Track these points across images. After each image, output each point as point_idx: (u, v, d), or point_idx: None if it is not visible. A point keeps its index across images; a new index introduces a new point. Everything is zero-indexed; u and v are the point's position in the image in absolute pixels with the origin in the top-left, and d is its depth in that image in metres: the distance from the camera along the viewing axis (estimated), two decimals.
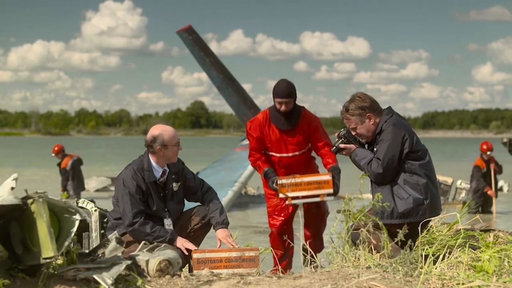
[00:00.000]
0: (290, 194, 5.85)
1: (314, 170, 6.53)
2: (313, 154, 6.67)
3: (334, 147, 5.28)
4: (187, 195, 5.43)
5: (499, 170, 15.13)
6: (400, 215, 4.96)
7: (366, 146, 5.26)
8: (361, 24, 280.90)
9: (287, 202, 6.22)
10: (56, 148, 16.61)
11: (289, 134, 6.38)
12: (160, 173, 5.25)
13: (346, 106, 5.20)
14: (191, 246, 5.06)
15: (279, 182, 5.94)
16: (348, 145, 5.23)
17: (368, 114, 5.14)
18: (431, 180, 5.08)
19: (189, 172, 5.45)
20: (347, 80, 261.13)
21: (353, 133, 5.21)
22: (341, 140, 5.25)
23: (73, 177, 16.52)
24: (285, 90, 6.26)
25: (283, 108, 6.26)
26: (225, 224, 5.26)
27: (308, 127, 6.40)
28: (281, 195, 5.99)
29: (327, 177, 6.11)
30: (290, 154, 6.39)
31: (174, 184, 5.30)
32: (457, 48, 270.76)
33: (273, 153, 6.47)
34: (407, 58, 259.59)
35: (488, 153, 14.93)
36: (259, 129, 6.40)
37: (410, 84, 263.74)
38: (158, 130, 5.24)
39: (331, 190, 6.02)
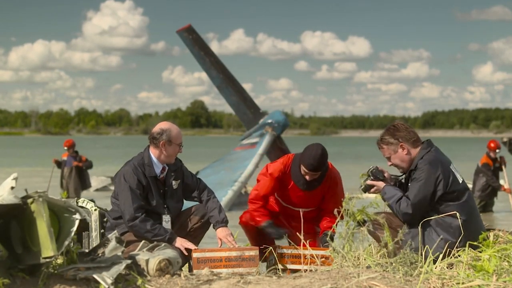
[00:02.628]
0: (289, 267, 5.42)
1: (314, 228, 5.90)
2: None
3: (363, 186, 5.16)
4: (185, 194, 5.44)
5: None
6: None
7: (397, 184, 5.16)
8: (362, 23, 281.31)
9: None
10: (69, 143, 17.00)
11: (306, 193, 5.77)
12: (160, 169, 5.26)
13: (380, 135, 5.11)
14: (190, 246, 5.06)
15: (278, 251, 5.34)
16: (376, 182, 5.11)
17: (401, 144, 5.01)
18: (468, 221, 4.85)
19: (186, 170, 5.48)
20: (348, 80, 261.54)
21: (388, 163, 5.11)
22: (369, 177, 5.15)
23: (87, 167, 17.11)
24: (315, 164, 5.54)
25: (308, 178, 5.65)
26: (224, 222, 5.28)
27: (328, 189, 5.80)
28: (280, 266, 5.31)
29: (328, 253, 5.28)
30: (297, 209, 5.78)
31: (174, 182, 5.32)
32: (458, 47, 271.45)
33: (281, 201, 5.89)
34: (408, 57, 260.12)
35: (497, 151, 14.94)
36: (281, 175, 5.71)
37: (411, 84, 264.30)
38: (168, 125, 5.30)
39: (330, 267, 4.98)
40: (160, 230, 5.07)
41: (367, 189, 5.16)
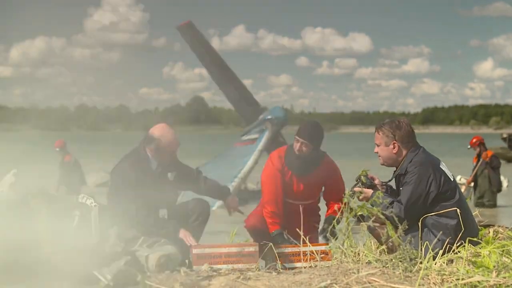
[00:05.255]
0: (288, 266, 5.38)
1: (312, 225, 5.77)
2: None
3: (350, 192, 5.09)
4: (184, 183, 5.50)
5: (495, 163, 15.04)
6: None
7: (388, 190, 5.13)
8: (363, 20, 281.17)
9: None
10: (60, 143, 16.87)
11: (301, 180, 5.69)
12: (156, 165, 5.28)
13: (382, 122, 5.09)
14: (192, 241, 5.05)
15: (277, 251, 5.28)
16: (364, 189, 5.05)
17: (394, 141, 4.99)
18: (463, 218, 4.80)
19: (180, 162, 5.51)
20: (348, 76, 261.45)
21: (375, 149, 5.09)
22: (357, 183, 5.09)
23: (77, 171, 16.88)
24: (305, 130, 5.56)
25: (297, 147, 5.55)
26: (229, 193, 5.60)
27: (326, 178, 5.72)
28: (279, 266, 5.18)
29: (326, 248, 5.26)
30: (296, 202, 5.68)
31: (169, 174, 5.35)
32: (459, 44, 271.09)
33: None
34: (409, 53, 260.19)
35: (468, 147, 15.12)
36: (280, 165, 5.63)
37: (411, 80, 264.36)
38: (159, 132, 5.25)
39: (329, 263, 4.97)
40: (164, 223, 5.09)
41: (353, 194, 5.06)
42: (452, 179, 4.99)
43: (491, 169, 14.97)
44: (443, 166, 5.02)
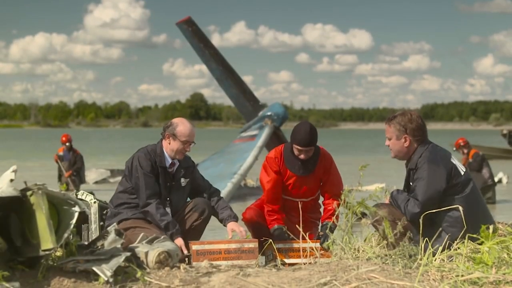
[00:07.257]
0: (288, 261, 5.21)
1: (312, 222, 5.76)
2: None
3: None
4: (194, 194, 5.51)
5: (476, 163, 14.99)
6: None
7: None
8: (363, 16, 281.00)
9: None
10: (65, 138, 17.04)
11: (303, 180, 5.63)
12: (170, 162, 5.33)
13: (393, 115, 5.06)
14: (185, 252, 5.03)
15: (276, 246, 5.29)
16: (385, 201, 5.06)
17: (405, 135, 4.98)
18: (473, 212, 4.81)
19: (198, 172, 5.57)
20: (349, 72, 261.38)
21: (386, 142, 5.08)
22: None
23: (83, 166, 17.35)
24: (306, 138, 5.43)
25: (302, 156, 5.49)
26: (235, 218, 5.35)
27: (323, 172, 5.66)
28: (278, 261, 5.23)
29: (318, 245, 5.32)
30: (297, 199, 5.63)
31: (183, 180, 5.39)
32: (460, 40, 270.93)
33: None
34: (409, 50, 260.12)
35: (454, 149, 15.05)
36: (276, 166, 5.60)
37: (411, 76, 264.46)
38: (178, 120, 5.39)
39: (329, 260, 4.94)
40: (167, 224, 5.08)
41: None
42: (462, 173, 4.96)
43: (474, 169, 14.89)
44: (454, 160, 5.01)
